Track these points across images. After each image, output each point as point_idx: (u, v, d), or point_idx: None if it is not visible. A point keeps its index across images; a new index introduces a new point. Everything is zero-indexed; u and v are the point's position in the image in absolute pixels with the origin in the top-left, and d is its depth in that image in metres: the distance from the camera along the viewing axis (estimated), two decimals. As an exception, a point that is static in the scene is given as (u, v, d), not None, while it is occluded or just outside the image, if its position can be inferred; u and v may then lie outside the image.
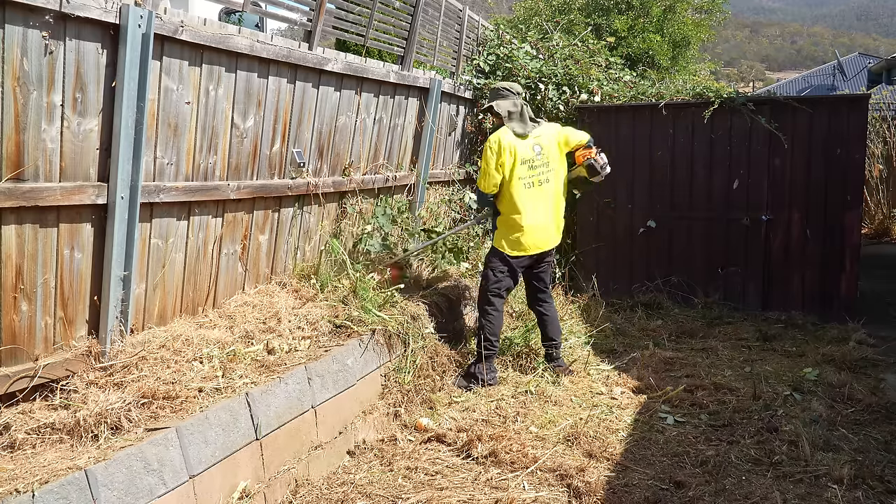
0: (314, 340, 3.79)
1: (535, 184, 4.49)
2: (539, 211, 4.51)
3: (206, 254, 3.81)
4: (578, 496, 3.17)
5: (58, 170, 2.91)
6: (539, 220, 4.52)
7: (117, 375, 2.98)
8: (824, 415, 4.01)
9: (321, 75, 4.48)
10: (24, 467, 2.39)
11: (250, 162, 4.02)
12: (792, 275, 6.26)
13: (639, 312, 6.25)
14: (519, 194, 4.45)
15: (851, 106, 6.10)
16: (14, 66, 2.68)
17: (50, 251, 2.95)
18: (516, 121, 4.53)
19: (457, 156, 6.79)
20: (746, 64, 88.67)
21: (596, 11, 15.74)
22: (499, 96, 4.64)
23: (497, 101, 4.62)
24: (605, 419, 4.05)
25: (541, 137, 4.54)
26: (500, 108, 4.58)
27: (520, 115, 4.55)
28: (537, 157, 4.50)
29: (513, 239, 4.51)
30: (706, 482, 3.29)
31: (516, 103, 4.58)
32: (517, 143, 4.45)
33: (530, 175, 4.47)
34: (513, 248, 4.52)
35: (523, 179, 4.45)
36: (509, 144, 4.43)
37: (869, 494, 3.14)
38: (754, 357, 5.18)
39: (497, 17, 19.18)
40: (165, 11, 3.25)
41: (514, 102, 4.58)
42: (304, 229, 4.61)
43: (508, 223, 4.52)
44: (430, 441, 3.74)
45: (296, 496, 3.17)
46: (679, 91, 7.10)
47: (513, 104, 4.57)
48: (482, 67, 7.02)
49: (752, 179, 6.34)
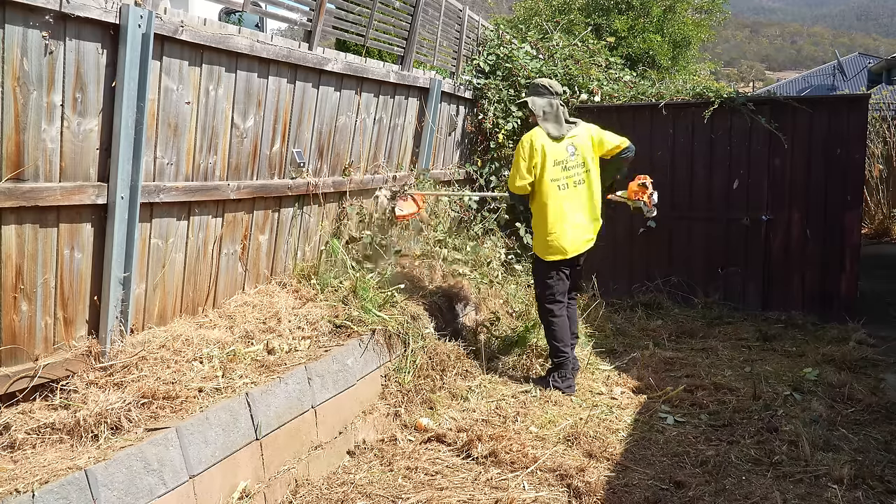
0: (314, 340, 3.79)
1: (569, 185, 4.40)
2: (574, 213, 4.43)
3: (206, 254, 3.81)
4: (578, 496, 3.17)
5: (58, 170, 2.91)
6: (574, 222, 4.43)
7: (117, 375, 2.98)
8: (824, 415, 4.01)
9: (321, 75, 4.48)
10: (24, 467, 2.39)
11: (250, 162, 4.02)
12: (792, 275, 6.26)
13: (639, 312, 6.24)
14: (553, 197, 4.38)
15: (851, 106, 6.09)
16: (14, 66, 2.68)
17: (50, 251, 2.95)
18: (551, 121, 4.45)
19: (457, 156, 6.79)
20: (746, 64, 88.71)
21: (596, 11, 15.74)
22: (536, 93, 4.56)
23: (533, 98, 4.54)
24: (605, 419, 4.05)
25: (576, 138, 4.46)
26: (536, 105, 4.49)
27: (555, 115, 4.46)
28: (571, 158, 4.41)
29: (549, 243, 4.43)
30: (706, 482, 3.29)
31: (552, 103, 4.48)
32: (549, 144, 4.37)
33: (564, 176, 4.39)
34: (550, 253, 4.45)
35: (557, 181, 4.37)
36: (541, 146, 4.35)
37: (869, 494, 3.15)
38: (754, 357, 5.18)
39: (497, 17, 19.18)
40: (165, 11, 3.25)
41: (550, 102, 4.49)
42: (304, 229, 4.61)
43: (543, 227, 4.44)
44: (430, 441, 3.74)
45: (296, 496, 3.17)
46: (679, 91, 7.11)
47: (549, 104, 4.48)
48: (482, 67, 7.02)
49: (752, 179, 6.34)
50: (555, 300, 4.52)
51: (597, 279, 6.39)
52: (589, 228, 4.54)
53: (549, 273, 4.51)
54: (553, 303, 4.52)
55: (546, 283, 4.53)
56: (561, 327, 4.50)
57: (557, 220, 4.39)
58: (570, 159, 4.42)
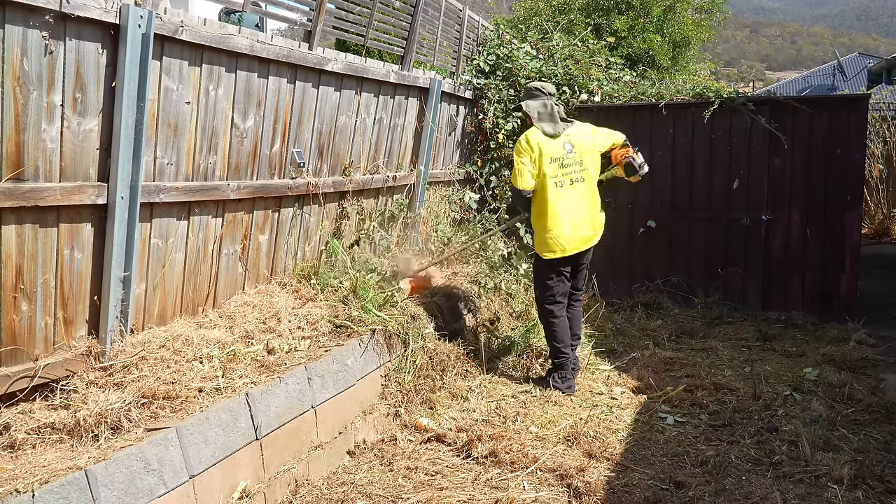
0: (314, 340, 3.79)
1: (567, 182, 4.44)
2: (573, 210, 4.45)
3: (206, 254, 3.81)
4: (578, 496, 3.17)
5: (58, 170, 2.91)
6: (573, 219, 4.45)
7: (117, 375, 2.98)
8: (824, 415, 4.01)
9: (321, 75, 4.48)
10: (24, 467, 2.39)
11: (250, 162, 4.02)
12: (792, 275, 6.26)
13: (639, 312, 6.25)
14: (550, 193, 4.41)
15: (851, 106, 6.09)
16: (14, 66, 2.68)
17: (50, 251, 2.95)
18: (546, 121, 4.51)
19: (457, 156, 6.79)
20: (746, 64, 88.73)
21: (596, 11, 15.75)
22: (530, 96, 4.65)
23: (527, 101, 4.62)
24: (605, 419, 4.05)
25: (572, 136, 4.52)
26: (529, 108, 4.58)
27: (549, 115, 4.53)
28: (568, 156, 4.46)
29: (548, 241, 4.44)
30: (706, 482, 3.30)
31: (546, 104, 4.56)
32: (545, 141, 4.43)
33: (562, 173, 4.43)
34: (550, 251, 4.45)
35: (554, 178, 4.41)
36: (537, 144, 4.41)
37: (869, 494, 3.15)
38: (754, 357, 5.18)
39: (497, 17, 19.19)
40: (165, 11, 3.25)
41: (543, 103, 4.56)
42: (304, 229, 4.61)
43: (542, 225, 4.47)
44: (430, 441, 3.74)
45: (296, 496, 3.17)
46: (679, 91, 7.10)
47: (542, 104, 4.56)
48: (482, 67, 7.02)
49: (752, 179, 6.34)
50: (555, 301, 4.53)
51: (597, 279, 6.38)
52: (588, 226, 4.54)
53: (549, 274, 4.53)
54: (553, 304, 4.53)
55: (546, 285, 4.54)
56: (561, 328, 4.52)
57: (555, 218, 4.41)
58: (566, 157, 4.46)
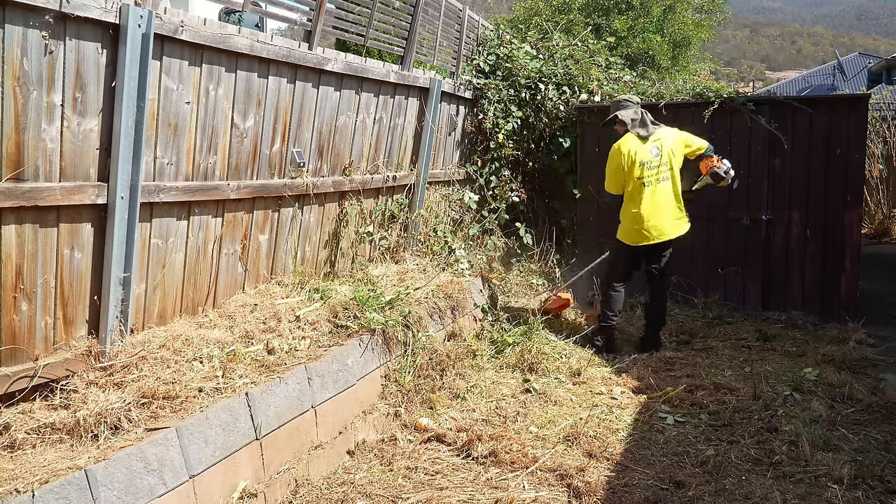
0: (314, 340, 3.79)
1: (653, 181, 5.02)
2: (657, 206, 5.03)
3: (206, 254, 3.81)
4: (578, 496, 3.17)
5: (58, 170, 2.90)
6: (657, 213, 5.04)
7: (117, 375, 2.98)
8: (824, 415, 4.01)
9: (321, 75, 4.48)
10: (24, 467, 2.39)
11: (250, 162, 4.02)
12: (792, 275, 6.26)
13: (638, 312, 6.24)
14: (638, 192, 5.01)
15: (851, 106, 6.09)
16: (14, 66, 2.68)
17: (50, 251, 2.95)
18: (639, 126, 5.09)
19: (457, 156, 6.78)
20: (746, 64, 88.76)
21: (596, 11, 15.76)
22: (621, 107, 5.18)
23: (620, 112, 5.14)
24: (605, 419, 4.05)
25: (660, 140, 5.08)
26: (625, 117, 5.11)
27: (641, 121, 5.10)
28: (655, 158, 5.03)
29: (633, 230, 5.10)
30: (706, 482, 3.29)
31: (637, 111, 5.14)
32: (637, 148, 5.02)
33: (649, 175, 5.01)
34: (633, 240, 5.13)
35: (642, 178, 5.01)
36: (628, 150, 5.01)
37: (869, 494, 3.14)
38: (754, 357, 5.17)
39: (497, 17, 19.20)
40: (165, 11, 3.25)
41: (635, 111, 5.14)
42: (304, 229, 4.61)
43: (629, 217, 5.10)
44: (430, 441, 3.74)
45: (296, 496, 3.17)
46: (679, 91, 7.10)
47: (634, 112, 5.13)
48: (482, 67, 7.02)
49: (752, 179, 6.34)
50: (618, 275, 5.27)
51: (597, 279, 6.38)
52: (671, 218, 5.11)
53: (625, 255, 5.22)
54: (618, 280, 5.27)
55: (619, 263, 5.29)
56: (616, 300, 5.27)
57: (642, 212, 5.02)
58: (654, 159, 5.03)
